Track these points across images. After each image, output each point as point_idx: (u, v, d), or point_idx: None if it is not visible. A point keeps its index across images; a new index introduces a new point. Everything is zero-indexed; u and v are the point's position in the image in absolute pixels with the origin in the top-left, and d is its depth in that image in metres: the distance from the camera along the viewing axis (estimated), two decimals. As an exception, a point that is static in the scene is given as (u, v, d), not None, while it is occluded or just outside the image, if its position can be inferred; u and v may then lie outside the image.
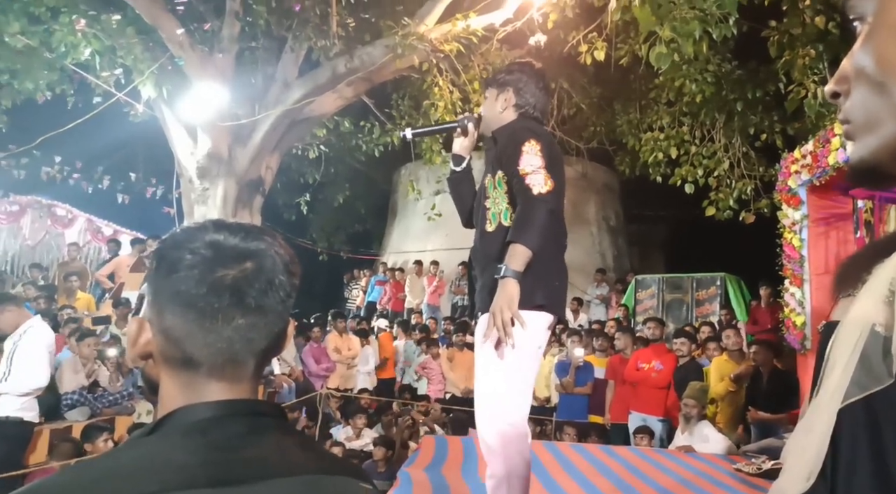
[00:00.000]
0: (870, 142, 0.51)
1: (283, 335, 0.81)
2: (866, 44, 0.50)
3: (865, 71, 0.50)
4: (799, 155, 4.89)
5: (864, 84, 0.51)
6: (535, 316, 2.12)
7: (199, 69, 7.35)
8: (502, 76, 2.35)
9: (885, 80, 0.48)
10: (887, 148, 0.49)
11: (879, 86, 0.49)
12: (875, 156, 0.51)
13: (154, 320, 0.77)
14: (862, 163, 0.52)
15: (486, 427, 2.13)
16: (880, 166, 0.51)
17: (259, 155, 8.00)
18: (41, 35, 6.84)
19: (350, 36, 7.53)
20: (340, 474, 0.80)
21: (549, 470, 3.98)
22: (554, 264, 2.18)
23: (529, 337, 2.11)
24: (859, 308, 2.33)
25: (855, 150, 0.52)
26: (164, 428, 0.73)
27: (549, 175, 2.09)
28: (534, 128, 2.23)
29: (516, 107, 2.31)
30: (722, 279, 9.31)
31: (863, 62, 0.50)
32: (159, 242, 0.80)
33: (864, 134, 0.51)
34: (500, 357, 2.11)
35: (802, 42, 6.53)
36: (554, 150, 2.20)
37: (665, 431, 5.76)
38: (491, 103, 2.35)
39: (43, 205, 10.51)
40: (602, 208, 13.27)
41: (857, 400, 2.28)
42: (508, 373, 2.12)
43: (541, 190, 2.08)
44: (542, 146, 2.13)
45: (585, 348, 6.87)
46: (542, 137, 2.18)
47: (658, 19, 4.95)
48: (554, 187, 2.09)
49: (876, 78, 0.49)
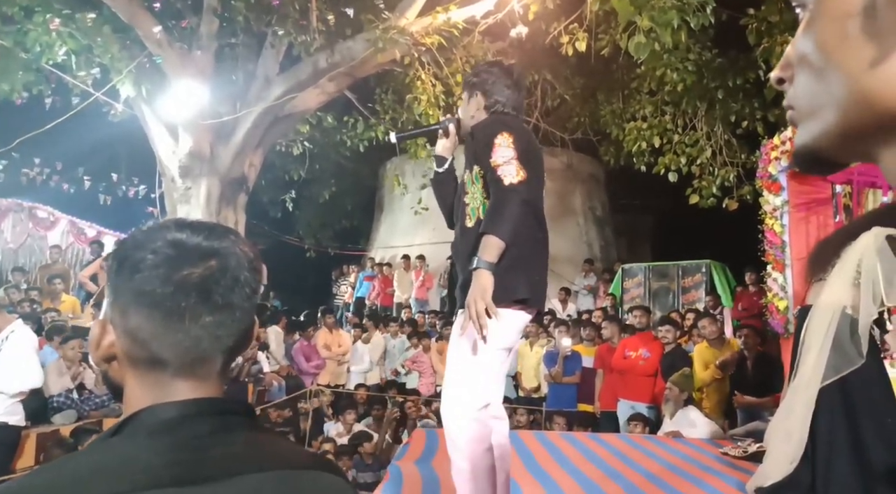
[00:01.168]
0: (811, 127, 0.51)
1: (249, 332, 0.81)
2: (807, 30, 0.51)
3: (807, 57, 0.51)
4: (778, 141, 4.94)
5: (805, 70, 0.51)
6: (511, 315, 2.14)
7: (178, 67, 7.28)
8: (472, 79, 2.40)
9: (825, 66, 0.49)
10: (827, 134, 0.50)
11: (819, 72, 0.49)
12: (816, 142, 0.51)
13: (117, 321, 0.77)
14: (804, 148, 0.52)
15: (450, 421, 2.15)
16: (821, 152, 0.51)
17: (242, 152, 7.95)
18: (15, 35, 6.74)
19: (330, 30, 7.48)
20: (313, 469, 0.80)
21: (539, 459, 4.01)
22: (533, 258, 2.19)
23: (502, 335, 2.13)
24: (830, 291, 2.40)
25: (798, 136, 0.52)
26: (128, 429, 0.73)
27: (522, 166, 2.11)
28: (506, 122, 2.26)
29: (486, 108, 2.35)
30: (707, 266, 9.39)
31: (804, 48, 0.51)
32: (118, 243, 0.79)
33: (806, 120, 0.51)
34: (472, 352, 2.13)
35: (780, 29, 6.59)
36: (528, 142, 2.22)
37: (654, 417, 5.81)
38: (465, 106, 2.42)
39: (24, 207, 10.39)
40: (588, 198, 13.32)
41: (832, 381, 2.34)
42: (477, 369, 2.14)
43: (512, 180, 2.10)
44: (514, 138, 2.15)
45: (573, 338, 6.91)
46: (515, 130, 2.20)
47: (636, 9, 4.97)
48: (526, 177, 2.11)
49: (816, 64, 0.50)
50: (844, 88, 0.47)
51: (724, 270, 9.44)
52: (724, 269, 9.45)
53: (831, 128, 0.49)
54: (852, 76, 0.46)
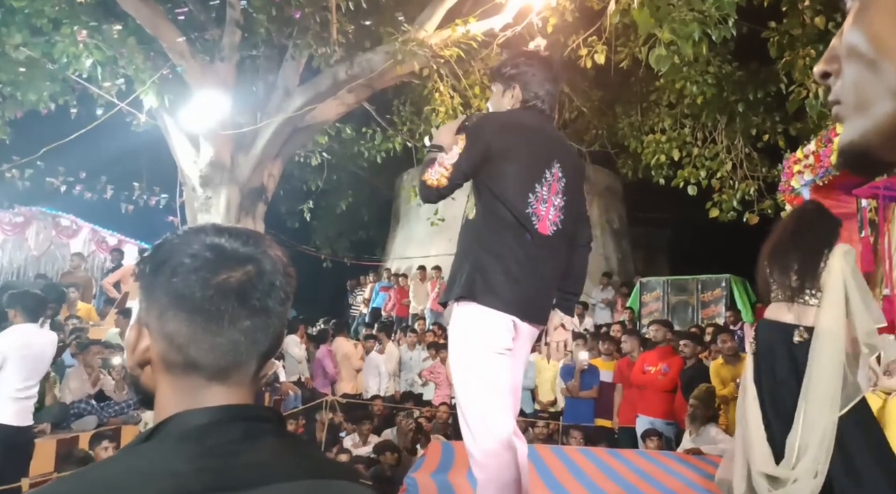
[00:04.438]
0: (860, 124, 0.48)
1: (282, 337, 0.81)
2: (857, 21, 0.48)
3: (857, 49, 0.48)
4: (801, 155, 4.88)
5: (855, 62, 0.48)
6: (483, 313, 2.10)
7: (200, 78, 7.39)
8: (507, 70, 2.30)
9: (877, 57, 0.46)
10: (878, 130, 0.47)
11: (871, 65, 0.47)
12: (865, 138, 0.48)
13: (153, 325, 0.77)
14: (852, 146, 0.49)
15: (464, 436, 2.15)
16: (870, 150, 0.48)
17: (261, 162, 8.02)
18: (43, 47, 6.88)
19: (350, 43, 7.55)
20: (339, 478, 0.79)
21: (556, 474, 3.96)
22: (500, 261, 2.13)
23: (481, 335, 2.11)
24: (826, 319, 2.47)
25: (845, 133, 0.49)
26: (160, 435, 0.72)
27: (451, 175, 2.12)
28: (487, 123, 2.24)
29: (523, 102, 2.29)
30: (727, 280, 9.27)
31: (854, 40, 0.48)
32: (154, 247, 0.79)
33: (855, 115, 0.49)
34: (462, 360, 2.15)
35: (803, 42, 6.53)
36: (496, 143, 2.17)
37: (673, 434, 5.72)
38: (498, 99, 2.34)
39: (47, 215, 10.56)
40: (605, 211, 13.25)
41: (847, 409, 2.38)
42: (469, 378, 2.14)
43: (427, 178, 2.15)
44: (467, 144, 2.15)
45: (591, 351, 6.85)
46: (482, 132, 2.18)
47: (657, 21, 4.95)
48: (441, 185, 2.13)
49: (868, 55, 0.47)
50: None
51: (744, 285, 9.31)
52: (744, 284, 9.32)
53: (884, 122, 0.46)
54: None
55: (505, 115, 2.28)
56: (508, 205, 2.15)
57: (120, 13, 7.17)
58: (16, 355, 3.93)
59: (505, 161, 2.16)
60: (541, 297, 2.27)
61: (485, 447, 2.08)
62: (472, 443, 2.10)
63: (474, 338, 2.13)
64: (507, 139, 2.18)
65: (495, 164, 2.15)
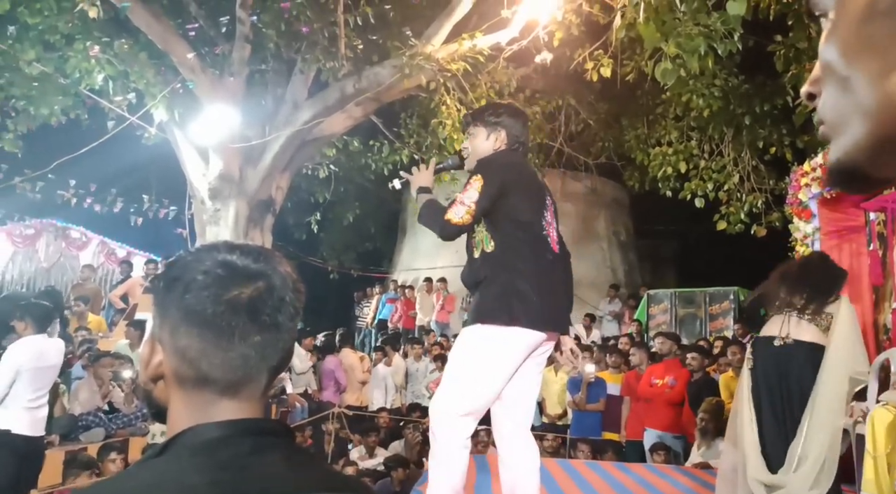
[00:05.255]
0: (842, 142, 0.48)
1: (291, 351, 0.83)
2: (830, 37, 0.48)
3: (831, 65, 0.48)
4: (809, 168, 4.88)
5: (831, 81, 0.48)
6: (501, 332, 2.34)
7: (210, 92, 7.47)
8: (492, 118, 2.60)
9: (849, 73, 0.46)
10: (858, 147, 0.46)
11: (844, 82, 0.46)
12: (849, 156, 0.47)
13: (166, 340, 0.79)
14: (838, 164, 0.48)
15: (434, 419, 2.41)
16: (856, 167, 0.47)
17: (270, 175, 8.08)
18: (56, 62, 6.98)
19: (358, 57, 7.62)
20: (348, 491, 0.80)
21: (563, 488, 3.94)
22: (528, 282, 2.37)
23: (495, 350, 2.35)
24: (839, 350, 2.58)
25: (831, 153, 0.49)
26: (173, 449, 0.74)
27: (475, 212, 2.35)
28: (492, 163, 2.48)
29: (508, 145, 2.59)
30: (735, 293, 9.23)
31: (828, 56, 0.48)
32: (168, 264, 0.81)
33: (836, 134, 0.48)
34: (471, 363, 2.37)
35: (809, 56, 6.53)
36: (503, 182, 2.41)
37: (681, 448, 5.68)
38: (481, 141, 2.61)
39: (58, 227, 10.65)
40: (612, 223, 13.24)
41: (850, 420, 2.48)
42: (472, 377, 2.36)
43: (452, 217, 2.37)
44: (484, 182, 2.38)
45: (598, 364, 6.82)
46: (493, 172, 2.42)
47: (662, 36, 4.97)
48: (465, 223, 2.37)
49: (840, 72, 0.47)
50: (871, 95, 0.44)
51: (752, 297, 9.26)
52: (752, 296, 9.27)
53: (861, 139, 0.45)
54: (877, 80, 0.43)
55: (504, 156, 2.56)
56: (530, 230, 2.45)
57: (132, 29, 7.27)
58: (29, 366, 3.97)
59: (517, 194, 2.44)
60: (565, 309, 2.60)
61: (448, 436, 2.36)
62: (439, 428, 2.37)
63: (496, 359, 2.37)
64: (515, 176, 2.48)
65: (510, 198, 2.41)
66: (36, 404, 4.07)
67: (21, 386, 3.96)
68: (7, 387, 3.91)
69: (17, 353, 3.98)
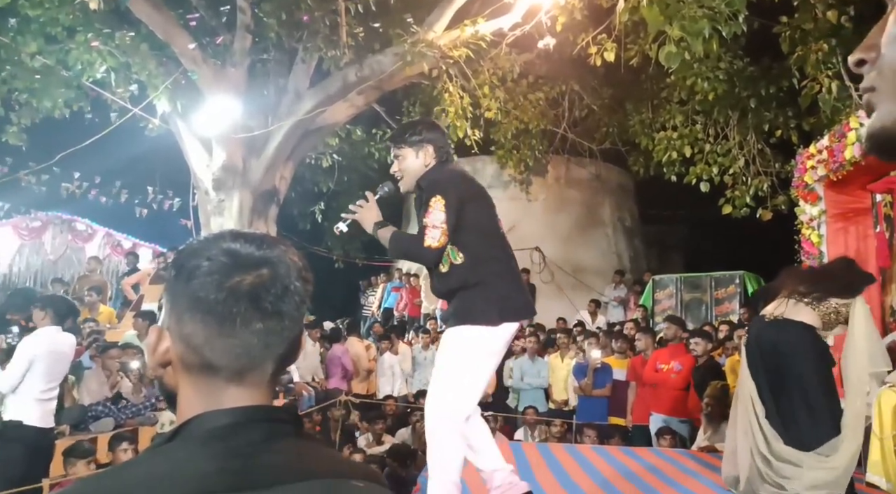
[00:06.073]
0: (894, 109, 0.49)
1: (298, 341, 0.82)
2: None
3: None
4: (815, 150, 4.85)
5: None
6: (480, 332, 2.50)
7: (212, 82, 7.46)
8: (415, 137, 2.71)
9: None
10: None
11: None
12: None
13: (173, 327, 0.79)
14: (883, 131, 0.50)
15: (432, 417, 2.51)
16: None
17: (273, 165, 8.08)
18: (58, 54, 6.98)
19: (360, 45, 7.59)
20: (358, 478, 0.81)
21: (570, 473, 3.96)
22: (495, 278, 2.55)
23: (480, 346, 2.51)
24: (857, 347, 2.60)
25: (876, 118, 0.50)
26: (182, 436, 0.75)
27: (448, 232, 2.50)
28: (443, 181, 2.60)
29: (437, 158, 2.71)
30: (741, 277, 9.20)
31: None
32: (176, 252, 0.82)
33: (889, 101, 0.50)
34: (459, 360, 2.52)
35: (815, 37, 6.47)
36: (459, 192, 2.56)
37: (687, 432, 5.70)
38: (412, 160, 2.72)
39: (63, 220, 10.70)
40: (617, 209, 13.19)
41: None
42: (463, 372, 2.51)
43: (431, 243, 2.52)
44: (446, 201, 2.51)
45: (604, 349, 6.83)
46: (448, 189, 2.56)
47: (666, 19, 4.93)
48: (444, 243, 2.52)
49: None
50: None
51: (758, 281, 9.22)
52: (758, 280, 9.24)
53: None
54: None
55: (443, 170, 2.68)
56: (493, 231, 2.64)
57: (133, 20, 7.25)
58: (43, 357, 4.01)
59: (475, 201, 2.62)
60: (529, 293, 2.83)
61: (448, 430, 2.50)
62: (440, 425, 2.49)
63: (488, 357, 2.56)
64: (467, 185, 2.67)
65: (471, 207, 2.57)
66: (47, 395, 4.12)
67: (34, 377, 4.01)
68: (21, 376, 3.96)
69: (33, 344, 4.03)
